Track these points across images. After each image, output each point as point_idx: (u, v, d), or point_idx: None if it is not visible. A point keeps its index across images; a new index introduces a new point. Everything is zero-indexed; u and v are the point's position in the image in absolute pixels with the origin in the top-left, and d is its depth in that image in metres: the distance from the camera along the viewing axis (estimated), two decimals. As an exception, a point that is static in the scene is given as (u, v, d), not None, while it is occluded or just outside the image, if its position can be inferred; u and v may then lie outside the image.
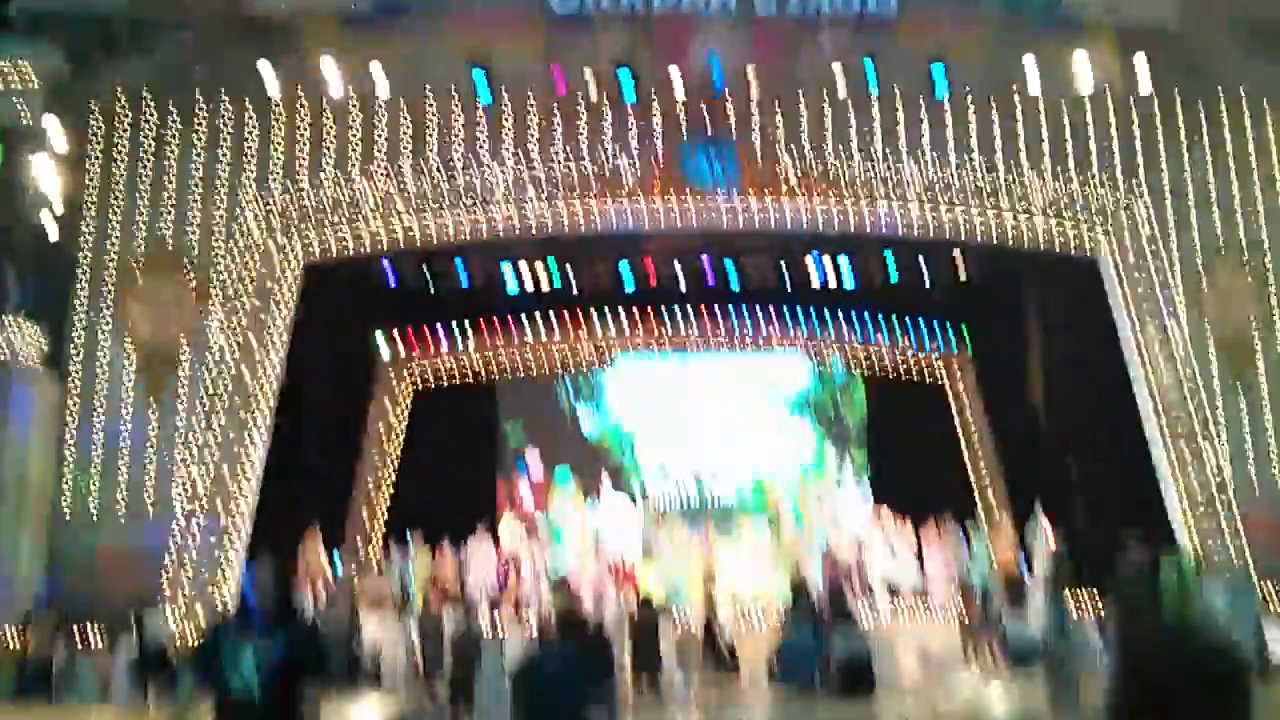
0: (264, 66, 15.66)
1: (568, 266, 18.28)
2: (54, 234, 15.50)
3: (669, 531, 17.65)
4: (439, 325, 19.88)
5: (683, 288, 18.90)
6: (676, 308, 20.12)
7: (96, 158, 15.81)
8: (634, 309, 20.05)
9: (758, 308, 20.10)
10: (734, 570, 16.95)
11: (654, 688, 12.39)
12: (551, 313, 19.90)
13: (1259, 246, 16.69)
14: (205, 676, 5.19)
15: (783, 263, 18.34)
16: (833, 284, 18.62)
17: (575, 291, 18.73)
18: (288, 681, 4.93)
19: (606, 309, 19.92)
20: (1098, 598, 14.20)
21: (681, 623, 14.99)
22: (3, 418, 14.56)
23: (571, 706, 5.91)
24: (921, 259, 18.15)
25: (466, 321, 19.85)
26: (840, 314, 20.25)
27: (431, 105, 15.94)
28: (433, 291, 18.32)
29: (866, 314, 20.27)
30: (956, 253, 17.87)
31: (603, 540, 17.66)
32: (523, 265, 18.11)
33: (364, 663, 13.56)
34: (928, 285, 18.65)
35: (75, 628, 13.71)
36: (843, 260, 18.22)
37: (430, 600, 13.62)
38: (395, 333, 19.88)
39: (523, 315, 19.89)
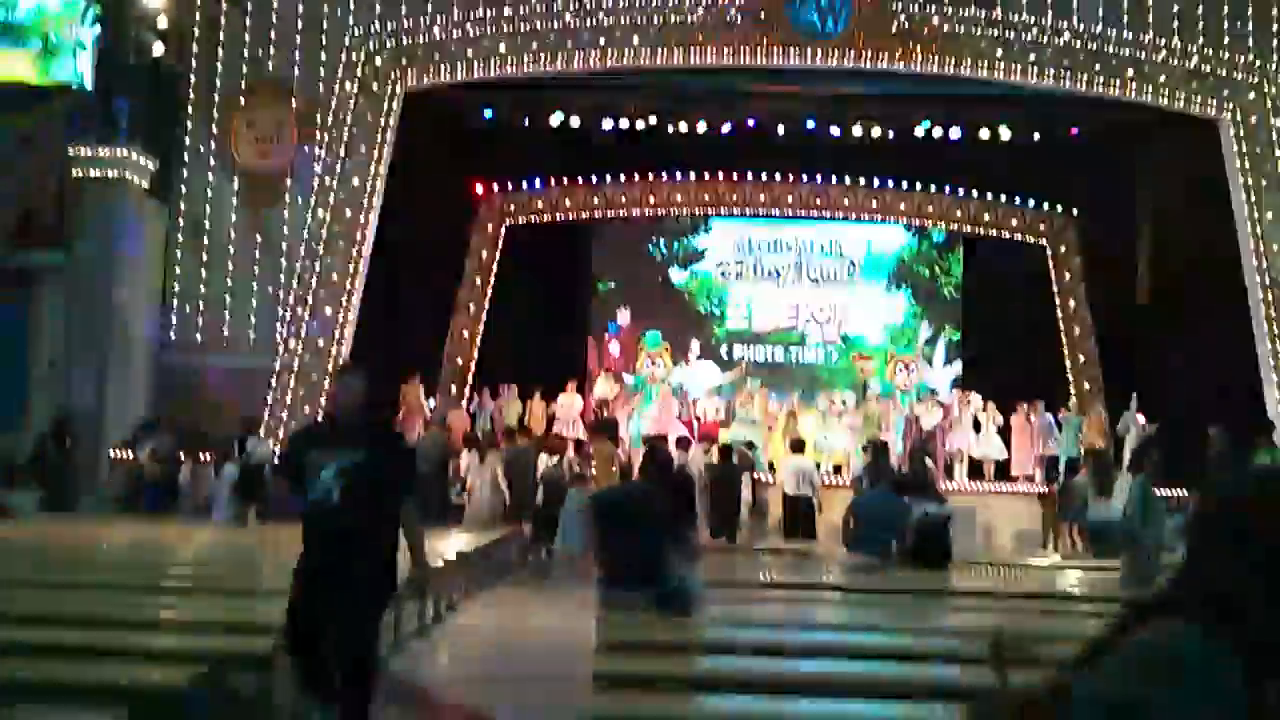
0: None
1: (667, 120, 18.03)
2: (163, 62, 15.72)
3: (754, 394, 17.73)
4: (536, 172, 19.78)
5: (784, 149, 18.52)
6: (776, 171, 19.77)
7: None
8: (732, 171, 19.76)
9: (860, 172, 19.64)
10: (817, 434, 17.03)
11: (730, 539, 12.64)
12: (648, 167, 19.67)
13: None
14: (287, 484, 5.06)
15: (888, 125, 17.85)
16: (939, 148, 18.09)
17: (673, 146, 18.48)
18: (371, 493, 4.63)
19: (704, 168, 19.66)
20: (1184, 488, 13.98)
21: (762, 480, 15.19)
22: (114, 242, 15.06)
23: (650, 541, 6.06)
24: (1034, 126, 17.52)
25: (563, 169, 19.71)
26: (945, 179, 19.66)
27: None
28: (530, 135, 18.23)
29: (973, 180, 19.63)
30: (1071, 120, 17.23)
31: (688, 399, 17.86)
32: (621, 116, 17.90)
33: (452, 497, 14.06)
34: (1039, 153, 17.99)
35: (182, 449, 14.41)
36: (951, 123, 17.67)
37: (520, 443, 13.97)
38: (491, 179, 19.84)
39: (619, 167, 19.68)
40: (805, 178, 19.82)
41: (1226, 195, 16.07)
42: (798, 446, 14.80)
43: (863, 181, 19.76)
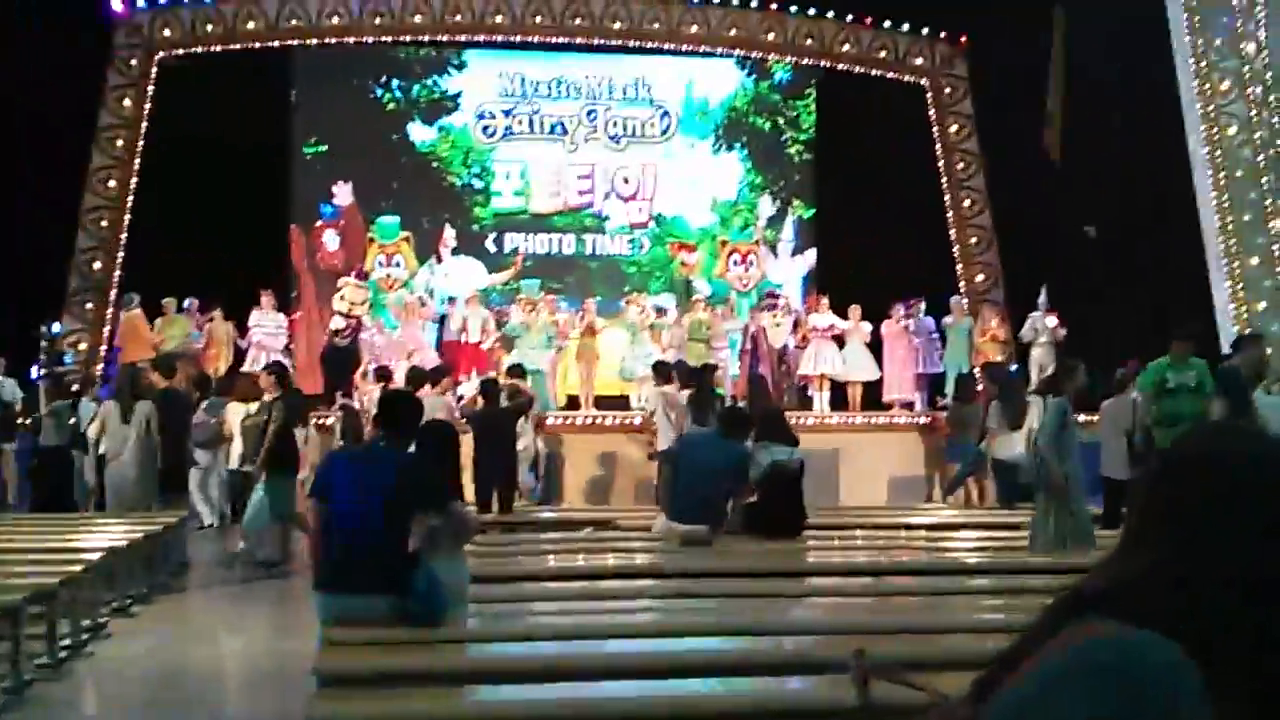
0: None
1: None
2: None
3: (534, 303, 17.69)
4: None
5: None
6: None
7: None
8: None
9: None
10: (622, 356, 17.17)
11: (504, 509, 12.63)
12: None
13: None
14: None
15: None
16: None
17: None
18: None
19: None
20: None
21: (541, 421, 15.23)
22: None
23: (390, 523, 5.93)
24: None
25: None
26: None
27: None
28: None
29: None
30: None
31: (442, 315, 17.72)
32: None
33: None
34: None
35: None
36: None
37: (176, 383, 13.28)
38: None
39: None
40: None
41: (1162, 18, 16.83)
42: (596, 372, 14.84)
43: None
